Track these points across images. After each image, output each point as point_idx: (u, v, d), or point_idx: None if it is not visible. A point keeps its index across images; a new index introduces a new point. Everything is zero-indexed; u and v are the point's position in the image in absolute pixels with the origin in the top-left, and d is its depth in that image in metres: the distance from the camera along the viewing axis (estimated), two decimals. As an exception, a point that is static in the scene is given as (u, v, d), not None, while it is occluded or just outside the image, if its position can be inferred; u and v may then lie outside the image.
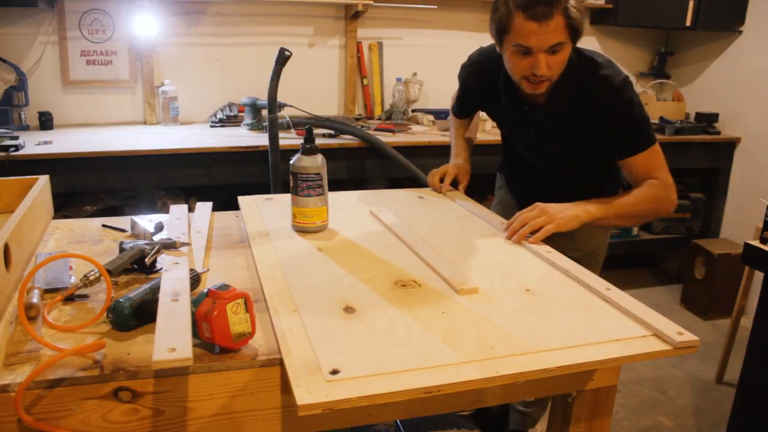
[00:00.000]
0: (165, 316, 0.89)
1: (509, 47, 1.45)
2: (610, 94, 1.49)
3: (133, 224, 1.42)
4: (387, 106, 3.47)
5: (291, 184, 1.39)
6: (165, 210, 2.79)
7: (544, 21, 1.36)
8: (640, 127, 1.52)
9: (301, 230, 1.41)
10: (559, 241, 1.45)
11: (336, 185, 1.86)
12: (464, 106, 1.93)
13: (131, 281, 1.15)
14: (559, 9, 1.36)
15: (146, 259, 1.15)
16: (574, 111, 1.55)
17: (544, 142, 1.67)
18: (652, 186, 1.53)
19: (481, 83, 1.72)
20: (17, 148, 2.40)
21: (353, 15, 3.24)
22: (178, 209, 1.53)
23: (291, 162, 1.39)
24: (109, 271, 1.06)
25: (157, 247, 1.17)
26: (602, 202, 1.52)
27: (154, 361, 0.78)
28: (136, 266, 1.17)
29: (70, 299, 1.05)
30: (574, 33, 1.41)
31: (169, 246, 1.21)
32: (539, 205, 1.46)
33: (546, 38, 1.38)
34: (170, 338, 0.83)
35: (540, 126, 1.62)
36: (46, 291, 1.07)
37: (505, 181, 2.01)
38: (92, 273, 1.05)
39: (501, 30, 1.45)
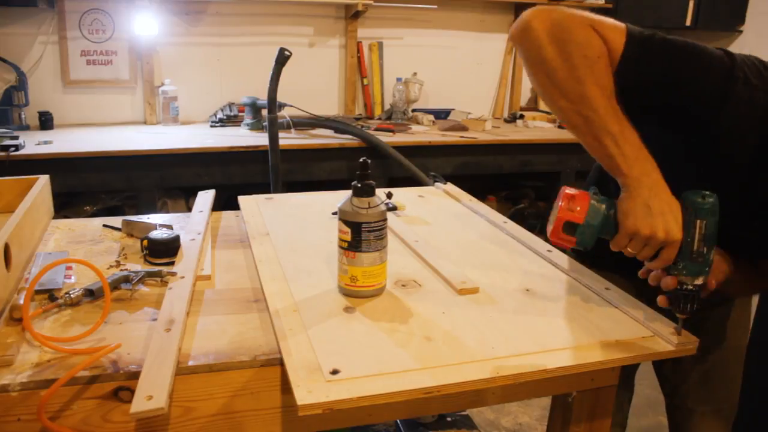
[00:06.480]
0: (153, 354, 0.86)
1: None
2: None
3: (126, 224, 1.39)
4: (387, 106, 3.47)
5: (347, 238, 1.04)
6: (165, 210, 2.80)
7: None
8: None
9: (359, 295, 1.06)
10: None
11: (336, 185, 1.86)
12: None
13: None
14: None
15: (131, 286, 1.09)
16: None
17: None
18: None
19: None
20: (17, 148, 2.40)
21: (353, 15, 3.24)
22: (206, 196, 1.52)
23: (340, 208, 1.04)
24: (91, 292, 1.05)
25: (141, 275, 1.12)
26: None
27: (131, 413, 0.75)
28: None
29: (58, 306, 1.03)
30: None
31: (155, 275, 1.14)
32: None
33: None
34: (150, 384, 0.79)
35: None
36: (38, 292, 1.05)
37: None
38: (75, 291, 1.02)
39: None
